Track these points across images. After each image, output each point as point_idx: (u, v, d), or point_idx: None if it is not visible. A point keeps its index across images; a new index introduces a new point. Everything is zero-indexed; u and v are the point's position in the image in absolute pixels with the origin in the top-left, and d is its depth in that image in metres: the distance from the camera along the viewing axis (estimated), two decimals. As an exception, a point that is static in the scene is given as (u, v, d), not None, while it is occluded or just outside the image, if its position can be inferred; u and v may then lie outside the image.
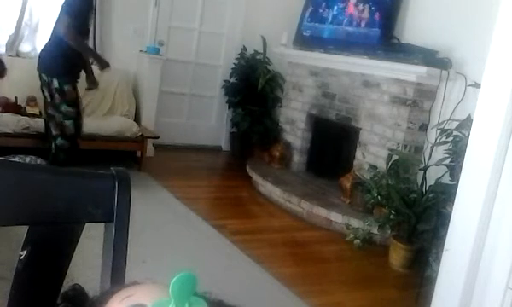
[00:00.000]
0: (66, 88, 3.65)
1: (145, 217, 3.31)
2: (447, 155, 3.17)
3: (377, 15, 4.09)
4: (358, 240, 3.52)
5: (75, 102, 3.74)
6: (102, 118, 4.66)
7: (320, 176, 4.62)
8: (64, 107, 3.70)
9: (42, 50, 3.81)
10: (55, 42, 3.64)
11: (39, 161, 2.99)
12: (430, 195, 3.24)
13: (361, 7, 4.24)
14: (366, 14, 4.18)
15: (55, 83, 3.64)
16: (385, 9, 4.07)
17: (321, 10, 4.68)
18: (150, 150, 5.02)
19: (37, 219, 0.86)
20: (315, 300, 2.77)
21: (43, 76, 3.70)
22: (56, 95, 3.69)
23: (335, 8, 4.52)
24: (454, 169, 3.04)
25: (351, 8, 4.34)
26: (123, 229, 0.90)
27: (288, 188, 4.26)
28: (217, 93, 5.91)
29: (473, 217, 1.95)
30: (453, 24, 3.64)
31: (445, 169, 3.24)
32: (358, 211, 3.76)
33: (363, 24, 4.21)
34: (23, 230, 0.86)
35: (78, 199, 0.89)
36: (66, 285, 0.74)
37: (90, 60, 3.99)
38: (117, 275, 0.87)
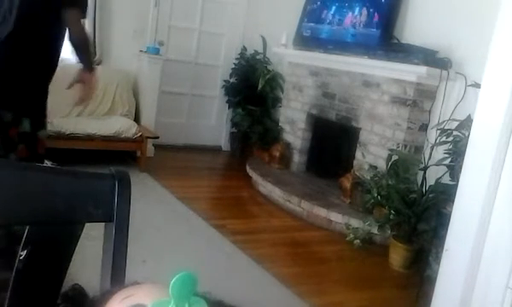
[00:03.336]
0: None
1: (145, 217, 3.31)
2: (447, 155, 3.17)
3: (377, 16, 4.09)
4: (358, 240, 3.52)
5: None
6: (102, 119, 4.66)
7: (320, 176, 4.62)
8: None
9: None
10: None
11: (49, 163, 2.98)
12: (430, 195, 3.24)
13: (361, 7, 4.24)
14: (366, 15, 4.18)
15: None
16: (384, 10, 4.07)
17: (320, 10, 4.68)
18: (150, 150, 5.01)
19: (37, 219, 0.86)
20: (315, 300, 2.77)
21: None
22: None
23: (335, 8, 4.52)
24: (454, 169, 3.04)
25: (350, 9, 4.34)
26: (123, 229, 0.90)
27: (288, 188, 4.26)
28: (217, 93, 5.91)
29: (473, 217, 1.95)
30: (453, 24, 3.64)
31: (445, 169, 3.24)
32: (358, 211, 3.75)
33: (362, 24, 4.20)
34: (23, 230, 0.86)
35: (78, 199, 0.89)
36: (66, 285, 0.74)
37: None
38: (117, 275, 0.87)
